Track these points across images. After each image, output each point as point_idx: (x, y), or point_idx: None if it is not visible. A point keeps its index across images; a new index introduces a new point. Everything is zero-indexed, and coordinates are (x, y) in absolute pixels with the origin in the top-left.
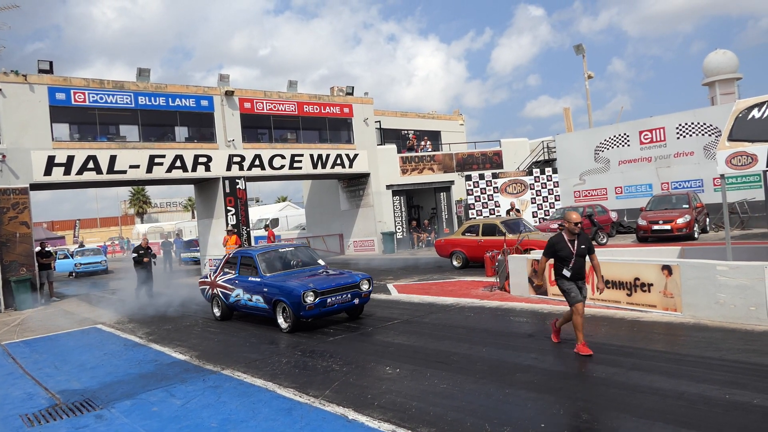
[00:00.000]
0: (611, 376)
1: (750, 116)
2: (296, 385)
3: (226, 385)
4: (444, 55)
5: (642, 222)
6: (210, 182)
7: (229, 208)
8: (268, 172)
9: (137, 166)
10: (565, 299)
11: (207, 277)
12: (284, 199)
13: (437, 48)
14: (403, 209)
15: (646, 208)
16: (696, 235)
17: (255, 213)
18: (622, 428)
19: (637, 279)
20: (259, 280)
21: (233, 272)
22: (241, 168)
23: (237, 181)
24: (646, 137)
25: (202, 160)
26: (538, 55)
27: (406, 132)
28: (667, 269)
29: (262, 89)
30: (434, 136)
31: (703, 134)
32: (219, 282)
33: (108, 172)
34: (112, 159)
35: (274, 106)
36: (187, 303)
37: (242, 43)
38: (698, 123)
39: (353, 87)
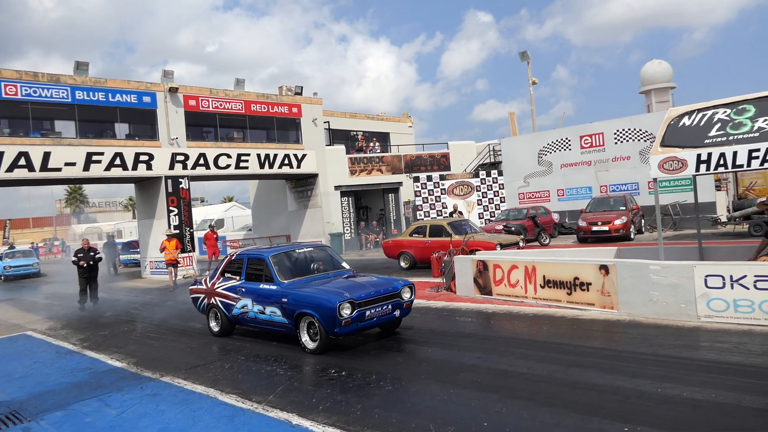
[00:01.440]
0: (552, 373)
1: (681, 123)
2: (239, 390)
3: (165, 392)
4: (395, 58)
5: (582, 223)
6: (152, 181)
7: (171, 208)
8: (213, 171)
9: (73, 164)
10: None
11: (200, 284)
12: (230, 200)
13: (388, 50)
14: (352, 210)
15: (586, 209)
16: (632, 236)
17: (199, 213)
18: (561, 424)
19: (576, 278)
20: (274, 288)
21: (237, 278)
22: (185, 167)
23: (180, 180)
24: (586, 142)
25: (143, 158)
26: (486, 60)
27: (355, 133)
28: (605, 269)
29: (208, 87)
30: (383, 138)
31: (638, 140)
32: (218, 290)
33: (41, 170)
34: (46, 156)
35: (221, 105)
36: (127, 307)
37: (189, 38)
38: (634, 129)
39: (302, 87)
